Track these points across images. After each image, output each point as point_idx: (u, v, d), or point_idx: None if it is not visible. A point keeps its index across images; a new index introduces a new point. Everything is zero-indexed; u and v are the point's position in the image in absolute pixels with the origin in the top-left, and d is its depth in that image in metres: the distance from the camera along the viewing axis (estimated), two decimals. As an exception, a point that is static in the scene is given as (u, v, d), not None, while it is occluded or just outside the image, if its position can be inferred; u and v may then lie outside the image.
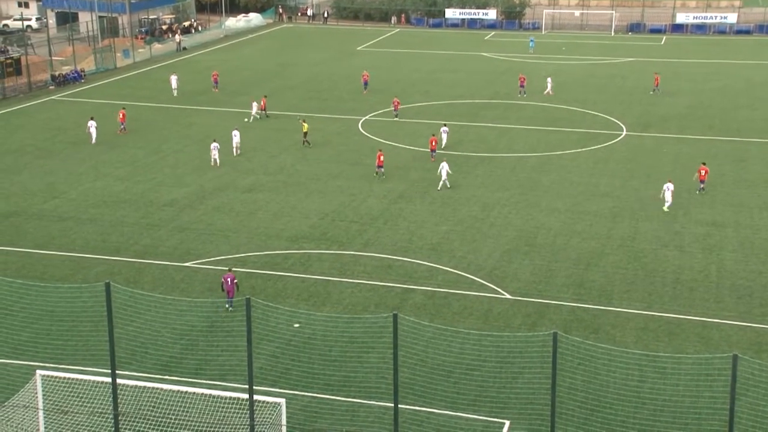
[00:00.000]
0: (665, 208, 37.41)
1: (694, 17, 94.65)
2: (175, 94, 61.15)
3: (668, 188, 37.67)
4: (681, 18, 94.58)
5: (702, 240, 34.31)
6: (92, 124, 49.32)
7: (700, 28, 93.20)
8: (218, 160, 44.48)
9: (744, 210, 37.76)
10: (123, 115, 51.32)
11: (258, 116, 53.90)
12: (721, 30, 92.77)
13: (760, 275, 30.97)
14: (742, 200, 39.01)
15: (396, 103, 54.88)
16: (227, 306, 28.01)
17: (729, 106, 58.13)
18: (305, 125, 48.40)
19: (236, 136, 46.24)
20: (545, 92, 61.29)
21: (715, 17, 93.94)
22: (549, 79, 62.63)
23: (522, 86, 61.34)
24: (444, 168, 40.36)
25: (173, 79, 61.96)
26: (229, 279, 27.96)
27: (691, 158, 45.66)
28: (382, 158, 42.30)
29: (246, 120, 53.51)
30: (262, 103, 54.75)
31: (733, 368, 18.53)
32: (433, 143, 45.50)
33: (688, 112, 56.34)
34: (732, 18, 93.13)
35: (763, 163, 44.60)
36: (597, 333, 26.60)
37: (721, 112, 56.60)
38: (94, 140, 48.92)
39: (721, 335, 26.58)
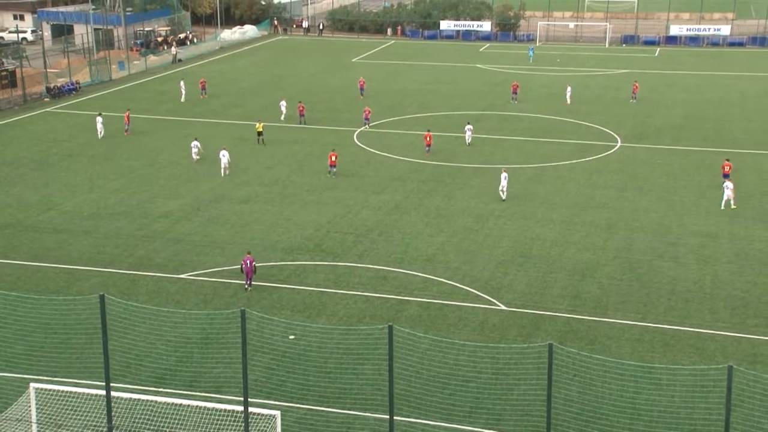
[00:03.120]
0: (730, 206, 38.79)
1: (687, 29, 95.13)
2: (183, 100, 63.15)
3: (728, 186, 39.02)
4: (674, 30, 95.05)
5: (697, 251, 34.38)
6: (99, 120, 52.52)
7: (694, 40, 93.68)
8: (196, 157, 46.52)
9: (738, 221, 37.85)
10: (128, 116, 53.71)
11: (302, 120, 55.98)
12: (714, 42, 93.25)
13: (754, 286, 31.02)
14: (736, 211, 39.09)
15: (367, 112, 55.37)
16: (246, 287, 30.23)
17: (723, 118, 58.36)
18: (259, 125, 50.98)
19: (225, 156, 44.49)
20: (567, 102, 61.91)
21: (709, 29, 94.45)
22: (569, 89, 63.03)
23: (515, 93, 62.32)
24: (505, 178, 40.30)
25: (182, 85, 64.29)
26: (248, 261, 30.05)
27: (685, 170, 45.83)
28: (333, 158, 44.06)
29: (281, 119, 56.01)
30: (299, 108, 56.34)
31: (728, 379, 18.56)
32: (428, 138, 48.37)
33: (682, 124, 56.56)
34: (725, 30, 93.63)
35: (757, 174, 44.74)
36: (592, 344, 26.60)
37: (715, 123, 56.83)
38: (101, 135, 52.19)
39: (716, 346, 26.60)
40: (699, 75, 75.46)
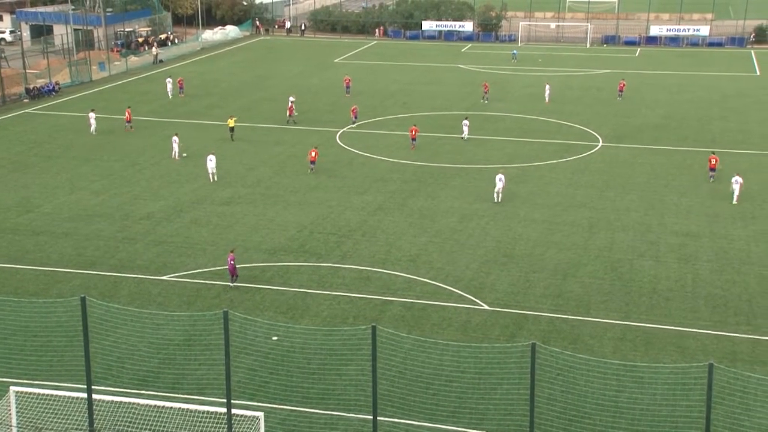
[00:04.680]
0: (734, 202, 39.71)
1: (667, 30, 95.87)
2: (171, 97, 64.30)
3: (737, 181, 40.01)
4: (655, 30, 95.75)
5: (677, 250, 34.63)
6: (92, 116, 53.61)
7: (674, 41, 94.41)
8: (177, 152, 47.26)
9: (719, 220, 38.17)
10: (129, 114, 54.67)
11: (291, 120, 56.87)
12: (693, 42, 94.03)
13: (734, 285, 31.28)
14: (716, 210, 39.43)
15: (354, 111, 56.20)
16: (233, 285, 30.76)
17: (703, 117, 58.83)
18: (231, 121, 51.98)
19: (212, 161, 43.66)
20: (546, 101, 62.60)
21: (688, 30, 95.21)
22: (547, 87, 63.63)
23: (486, 92, 63.53)
24: (501, 180, 40.09)
25: (169, 81, 65.11)
26: (229, 259, 30.72)
27: (666, 169, 46.16)
28: (313, 154, 45.20)
29: (289, 118, 56.77)
30: (289, 108, 57.23)
31: (708, 377, 18.70)
32: (413, 132, 49.76)
33: (662, 123, 56.94)
34: (704, 30, 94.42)
35: (737, 173, 45.07)
36: (575, 343, 26.71)
37: (695, 123, 57.26)
38: (93, 130, 53.05)
39: (697, 344, 26.81)
40: (679, 75, 76.02)
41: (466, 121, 52.29)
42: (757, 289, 30.83)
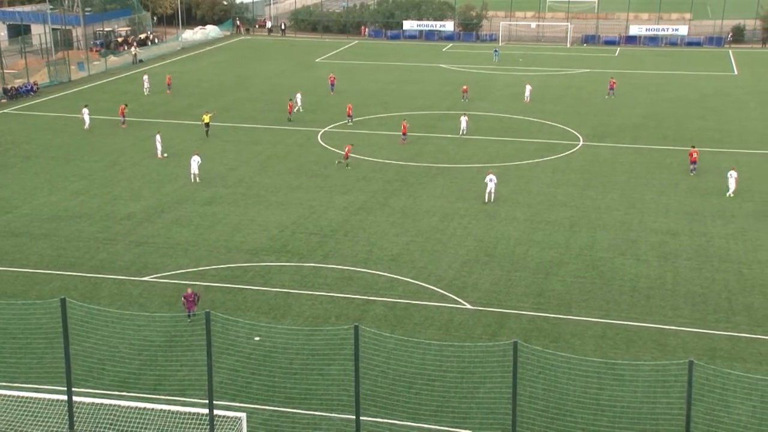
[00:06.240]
0: (730, 194, 40.77)
1: (646, 29, 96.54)
2: (147, 93, 65.13)
3: (732, 175, 40.92)
4: (634, 30, 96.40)
5: (657, 248, 34.88)
6: (85, 111, 54.48)
7: (653, 40, 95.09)
8: (161, 151, 47.36)
9: (698, 218, 38.49)
10: (122, 109, 55.38)
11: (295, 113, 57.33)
12: (672, 42, 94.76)
13: (714, 282, 31.55)
14: (696, 208, 39.76)
15: (349, 109, 56.64)
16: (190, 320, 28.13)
17: (682, 117, 59.29)
18: (206, 117, 52.41)
19: (195, 162, 43.13)
20: (525, 100, 63.08)
21: (667, 29, 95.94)
22: (528, 87, 64.18)
23: (465, 92, 64.32)
24: (492, 180, 40.10)
25: (145, 79, 66.16)
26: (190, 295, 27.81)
27: (646, 168, 46.48)
28: (347, 150, 46.23)
29: (300, 111, 58.12)
30: (289, 107, 57.40)
31: (689, 374, 18.88)
32: (404, 128, 50.83)
33: (642, 123, 57.33)
34: (683, 30, 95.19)
35: (716, 171, 45.47)
36: (557, 342, 26.84)
37: (674, 122, 57.69)
38: (86, 125, 53.83)
39: (677, 342, 27.02)
40: (658, 74, 76.56)
41: (463, 117, 53.32)
42: (736, 287, 31.13)
